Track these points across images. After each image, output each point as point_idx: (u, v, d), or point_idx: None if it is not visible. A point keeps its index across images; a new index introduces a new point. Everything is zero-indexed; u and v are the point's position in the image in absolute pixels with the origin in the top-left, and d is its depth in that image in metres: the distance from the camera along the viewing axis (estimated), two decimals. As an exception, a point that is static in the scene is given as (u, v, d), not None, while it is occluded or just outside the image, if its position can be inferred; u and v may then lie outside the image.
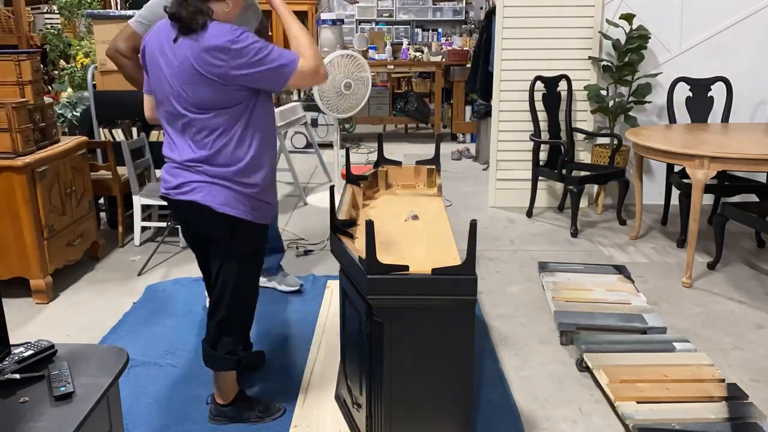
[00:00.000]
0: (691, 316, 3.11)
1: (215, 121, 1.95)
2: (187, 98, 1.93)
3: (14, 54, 3.22)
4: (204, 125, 1.96)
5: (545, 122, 4.59)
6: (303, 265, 3.77)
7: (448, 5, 10.17)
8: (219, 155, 1.98)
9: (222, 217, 2.00)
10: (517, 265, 3.76)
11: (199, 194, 1.99)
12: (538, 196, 4.67)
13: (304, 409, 2.37)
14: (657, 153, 3.54)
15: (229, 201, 2.00)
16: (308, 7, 10.20)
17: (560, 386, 2.54)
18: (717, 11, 4.57)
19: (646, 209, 4.51)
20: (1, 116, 3.06)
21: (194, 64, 1.87)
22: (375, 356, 1.88)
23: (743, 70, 4.55)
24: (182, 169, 2.02)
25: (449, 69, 7.38)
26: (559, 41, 4.59)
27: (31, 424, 1.34)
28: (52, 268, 3.29)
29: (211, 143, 1.97)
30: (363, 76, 4.46)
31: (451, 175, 5.91)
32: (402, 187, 2.71)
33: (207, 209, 2.00)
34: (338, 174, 4.76)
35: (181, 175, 2.02)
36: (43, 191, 3.19)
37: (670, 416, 2.22)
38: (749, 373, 2.62)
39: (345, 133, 7.60)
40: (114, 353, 1.62)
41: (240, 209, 2.02)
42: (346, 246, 1.99)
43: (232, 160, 1.99)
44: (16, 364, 1.51)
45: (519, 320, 3.09)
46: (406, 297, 1.82)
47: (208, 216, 2.01)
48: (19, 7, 4.86)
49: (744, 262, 3.77)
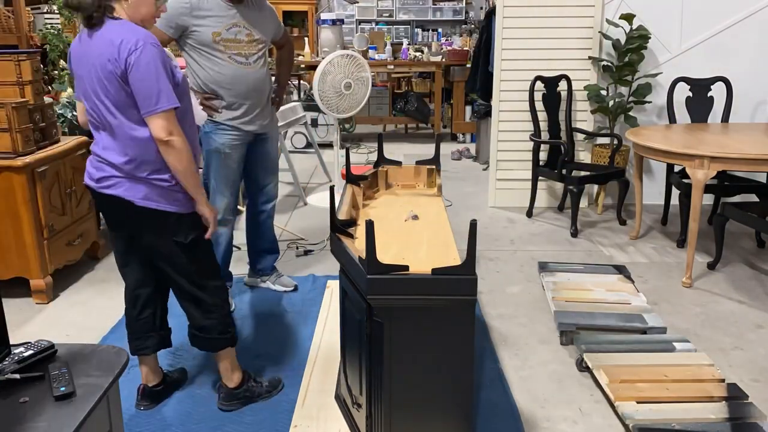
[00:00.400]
0: (691, 316, 3.11)
1: (126, 122, 1.96)
2: (102, 96, 1.94)
3: (14, 54, 3.22)
4: (121, 126, 1.96)
5: (545, 122, 4.59)
6: (303, 265, 3.77)
7: (448, 5, 10.17)
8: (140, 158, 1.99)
9: (145, 211, 2.03)
10: (517, 265, 3.76)
11: (120, 189, 2.02)
12: (538, 196, 4.67)
13: (304, 409, 2.37)
14: (657, 153, 3.54)
15: (148, 195, 2.02)
16: (308, 7, 10.21)
17: (560, 386, 2.54)
18: (717, 11, 4.57)
19: (646, 209, 4.51)
20: (1, 116, 3.06)
21: (102, 63, 1.89)
22: (375, 356, 1.88)
23: (743, 70, 4.55)
24: (105, 164, 2.03)
25: (449, 69, 7.38)
26: (559, 41, 4.59)
27: (31, 424, 1.34)
28: (52, 268, 3.29)
29: (132, 146, 1.97)
30: (363, 76, 4.46)
31: (451, 175, 5.91)
32: (402, 187, 2.71)
33: (129, 204, 2.02)
34: (338, 174, 4.76)
35: (104, 170, 2.03)
36: (43, 191, 3.20)
37: (670, 416, 2.22)
38: (749, 373, 2.62)
39: (345, 133, 7.60)
40: (114, 353, 1.62)
41: (160, 202, 2.04)
42: (346, 246, 1.99)
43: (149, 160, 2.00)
44: (16, 364, 1.51)
45: (519, 320, 3.09)
46: (406, 297, 1.81)
47: (131, 211, 2.03)
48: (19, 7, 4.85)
49: (744, 262, 3.77)
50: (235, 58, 2.82)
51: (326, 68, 4.31)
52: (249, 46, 2.86)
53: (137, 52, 1.86)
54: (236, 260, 3.29)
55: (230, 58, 2.81)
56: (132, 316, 2.32)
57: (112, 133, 1.99)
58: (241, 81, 2.85)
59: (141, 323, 2.32)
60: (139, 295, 2.29)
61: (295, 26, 10.28)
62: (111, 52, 1.87)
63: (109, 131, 1.99)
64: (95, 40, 1.92)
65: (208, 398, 2.44)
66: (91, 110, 2.01)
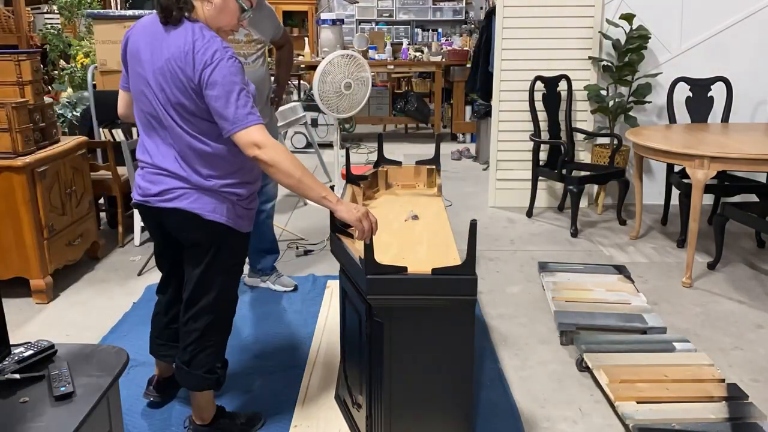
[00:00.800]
0: (691, 316, 3.11)
1: (200, 128, 1.84)
2: (168, 99, 1.81)
3: (14, 54, 3.22)
4: (187, 133, 1.84)
5: (545, 122, 4.59)
6: (303, 265, 3.77)
7: (448, 5, 10.17)
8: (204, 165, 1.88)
9: (210, 224, 1.91)
10: (517, 265, 3.76)
11: (186, 201, 1.89)
12: (538, 196, 4.67)
13: (304, 409, 2.37)
14: (657, 153, 3.54)
15: (217, 208, 1.91)
16: (308, 7, 10.21)
17: (560, 386, 2.54)
18: (717, 11, 4.57)
19: (646, 209, 4.51)
20: (1, 116, 3.06)
21: (177, 65, 1.77)
22: (375, 356, 1.88)
23: (743, 70, 4.55)
24: (163, 174, 1.90)
25: (449, 69, 7.38)
26: (559, 41, 4.59)
27: (31, 424, 1.34)
28: (52, 268, 3.29)
29: (195, 154, 1.86)
30: (363, 76, 4.45)
31: (451, 175, 5.91)
32: (402, 187, 2.71)
33: (195, 216, 1.89)
34: (338, 174, 4.76)
35: (163, 182, 1.90)
36: (43, 191, 3.19)
37: (670, 416, 2.22)
38: (749, 373, 2.62)
39: (345, 133, 7.59)
40: (114, 353, 1.62)
41: (229, 217, 1.94)
42: (345, 246, 1.99)
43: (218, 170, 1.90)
44: (16, 364, 1.51)
45: (519, 320, 3.09)
46: (406, 297, 1.81)
47: (196, 223, 1.90)
48: (19, 7, 4.86)
49: (744, 262, 3.77)
50: None
51: (326, 68, 4.31)
52: (247, 46, 2.86)
53: (212, 65, 1.74)
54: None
55: None
56: (162, 322, 2.25)
57: (174, 140, 1.86)
58: None
59: (170, 332, 2.23)
60: (174, 304, 2.17)
61: (295, 26, 10.28)
62: (182, 58, 1.75)
63: (170, 138, 1.86)
64: (167, 37, 1.79)
65: (208, 398, 2.44)
66: (144, 112, 1.88)
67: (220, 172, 1.90)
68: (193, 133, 1.85)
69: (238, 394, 2.46)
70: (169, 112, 1.83)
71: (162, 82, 1.80)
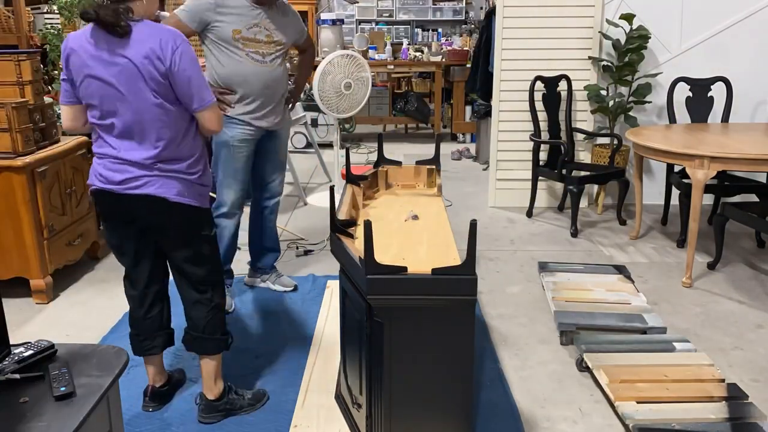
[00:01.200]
0: (691, 316, 3.11)
1: (162, 119, 1.98)
2: (132, 98, 1.94)
3: (14, 54, 3.22)
4: (152, 123, 1.97)
5: (545, 122, 4.59)
6: (303, 265, 3.77)
7: (448, 5, 10.17)
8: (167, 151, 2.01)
9: (177, 206, 2.04)
10: (517, 265, 3.76)
11: (152, 187, 2.01)
12: (538, 196, 4.67)
13: (304, 409, 2.37)
14: (657, 153, 3.54)
15: (181, 191, 2.04)
16: (308, 7, 10.20)
17: (560, 386, 2.54)
18: (717, 11, 4.57)
19: (646, 209, 4.51)
20: (1, 116, 3.06)
21: (139, 64, 1.90)
22: (375, 356, 1.88)
23: (743, 70, 4.55)
24: (129, 165, 2.01)
25: (449, 69, 7.38)
26: (559, 41, 4.59)
27: (31, 424, 1.34)
28: (52, 268, 3.29)
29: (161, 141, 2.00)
30: (363, 76, 4.45)
31: (451, 175, 5.91)
32: (402, 187, 2.71)
33: (161, 201, 2.02)
34: (338, 174, 4.76)
35: (128, 171, 2.01)
36: (43, 191, 3.20)
37: (670, 416, 2.22)
38: (749, 373, 2.62)
39: (345, 133, 7.59)
40: (114, 353, 1.62)
41: (192, 198, 2.08)
42: (346, 246, 1.99)
43: (180, 154, 2.04)
44: (16, 364, 1.51)
45: (519, 320, 3.09)
46: (406, 297, 1.82)
47: (163, 207, 2.03)
48: (19, 7, 4.85)
49: (744, 262, 3.77)
50: (251, 55, 2.88)
51: (326, 68, 4.31)
52: (267, 46, 2.93)
53: (179, 50, 1.92)
54: (236, 260, 3.28)
55: (247, 56, 2.88)
56: (139, 316, 2.31)
57: (139, 132, 1.98)
58: (256, 78, 2.91)
59: (149, 322, 2.31)
60: (147, 293, 2.28)
61: (295, 26, 10.27)
62: (150, 52, 1.90)
63: (136, 132, 1.98)
64: (122, 43, 1.91)
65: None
66: (106, 113, 1.98)
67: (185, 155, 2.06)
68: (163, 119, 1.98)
69: (238, 394, 2.46)
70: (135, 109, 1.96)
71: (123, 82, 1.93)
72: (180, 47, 1.93)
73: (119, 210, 2.10)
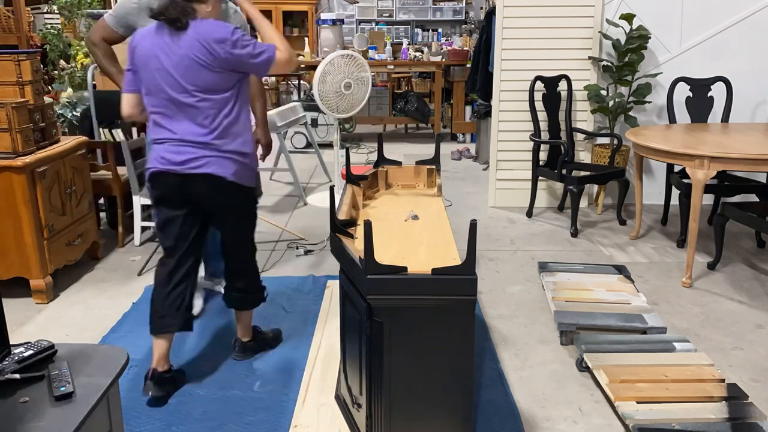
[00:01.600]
0: (691, 316, 3.11)
1: (217, 103, 2.24)
2: (190, 85, 2.19)
3: (14, 54, 3.22)
4: (208, 107, 2.23)
5: (545, 122, 4.59)
6: (303, 265, 3.77)
7: (448, 5, 10.17)
8: (223, 132, 2.26)
9: (233, 185, 2.30)
10: (517, 265, 3.76)
11: (212, 167, 2.25)
12: (538, 196, 4.67)
13: (304, 409, 2.37)
14: (657, 153, 3.54)
15: (237, 171, 2.30)
16: (308, 7, 10.20)
17: (560, 386, 2.54)
18: (717, 11, 4.57)
19: (646, 209, 4.51)
20: (1, 116, 3.06)
21: (196, 54, 2.16)
22: (375, 356, 1.88)
23: (743, 70, 4.55)
24: (188, 145, 2.24)
25: (449, 69, 7.38)
26: (559, 41, 4.59)
27: (31, 424, 1.34)
28: (52, 268, 3.29)
29: (216, 123, 2.25)
30: (363, 76, 4.46)
31: (451, 175, 5.91)
32: (402, 187, 2.71)
33: (220, 179, 2.26)
34: (338, 174, 4.76)
35: (189, 152, 2.24)
36: (43, 191, 3.20)
37: (670, 416, 2.22)
38: (749, 373, 2.62)
39: (345, 133, 7.59)
40: (114, 353, 1.62)
41: (245, 177, 2.35)
42: (345, 246, 1.99)
43: (233, 135, 2.29)
44: (16, 364, 1.51)
45: (519, 320, 3.09)
46: (406, 297, 1.82)
47: (222, 186, 2.28)
48: (19, 7, 4.86)
49: (744, 262, 3.77)
50: None
51: (326, 68, 4.31)
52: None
53: (229, 41, 2.18)
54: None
55: None
56: (163, 294, 2.41)
57: (194, 115, 2.23)
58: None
59: (171, 300, 2.41)
60: (180, 265, 2.42)
61: (295, 26, 10.28)
62: (213, 41, 2.16)
63: (191, 115, 2.23)
64: (182, 36, 2.17)
65: (208, 398, 2.44)
66: (166, 100, 2.22)
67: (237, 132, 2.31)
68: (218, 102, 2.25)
69: (239, 394, 2.46)
70: (194, 95, 2.21)
71: (182, 71, 2.18)
72: (232, 37, 2.17)
73: (179, 189, 2.31)
